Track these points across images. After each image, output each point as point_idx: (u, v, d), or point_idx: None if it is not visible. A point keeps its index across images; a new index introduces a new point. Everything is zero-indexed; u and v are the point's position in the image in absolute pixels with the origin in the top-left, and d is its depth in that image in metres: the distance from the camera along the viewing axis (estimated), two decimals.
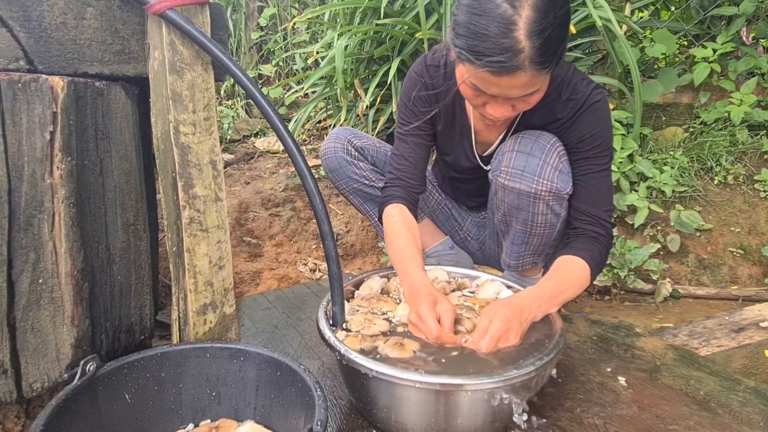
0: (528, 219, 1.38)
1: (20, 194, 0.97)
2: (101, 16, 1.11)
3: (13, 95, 0.95)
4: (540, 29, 1.00)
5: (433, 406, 0.98)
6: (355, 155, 1.64)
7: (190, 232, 1.22)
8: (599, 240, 1.29)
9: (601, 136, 1.29)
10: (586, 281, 1.25)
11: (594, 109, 1.28)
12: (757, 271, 2.19)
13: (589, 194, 1.32)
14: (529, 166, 1.29)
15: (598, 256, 1.27)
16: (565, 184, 1.31)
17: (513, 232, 1.46)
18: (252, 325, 1.58)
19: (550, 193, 1.30)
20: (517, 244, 1.47)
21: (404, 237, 1.32)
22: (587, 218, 1.32)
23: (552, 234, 1.41)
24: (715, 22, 2.78)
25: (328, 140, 1.65)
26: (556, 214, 1.36)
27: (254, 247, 2.39)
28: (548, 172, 1.29)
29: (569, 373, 1.30)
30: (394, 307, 1.23)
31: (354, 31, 2.54)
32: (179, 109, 1.19)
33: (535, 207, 1.34)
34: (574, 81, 1.29)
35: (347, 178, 1.65)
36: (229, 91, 4.11)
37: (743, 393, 1.23)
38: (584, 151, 1.30)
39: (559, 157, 1.30)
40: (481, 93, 1.14)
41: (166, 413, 1.08)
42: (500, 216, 1.46)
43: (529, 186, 1.31)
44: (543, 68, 1.05)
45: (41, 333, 1.02)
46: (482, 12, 1.02)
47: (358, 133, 1.67)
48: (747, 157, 2.46)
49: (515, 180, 1.32)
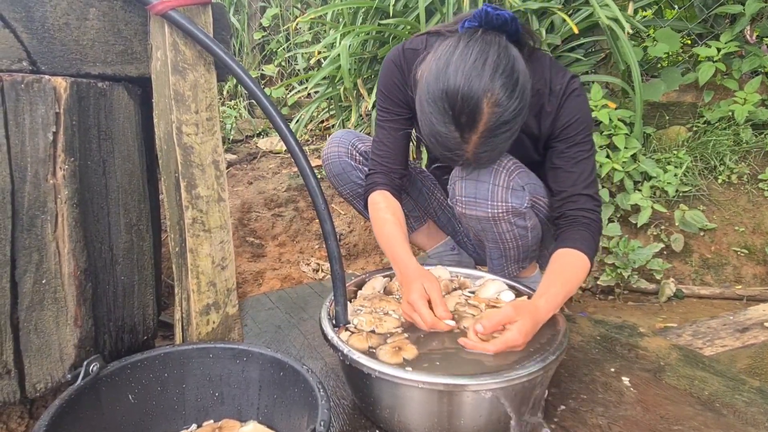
0: (496, 238, 1.41)
1: (23, 195, 0.97)
2: (104, 16, 1.11)
3: (16, 96, 0.95)
4: (484, 151, 1.16)
5: (436, 406, 0.98)
6: (360, 160, 1.60)
7: (192, 233, 1.22)
8: (591, 225, 1.30)
9: (583, 121, 1.32)
10: (587, 272, 1.26)
11: (574, 96, 1.31)
12: (761, 271, 2.18)
13: (579, 179, 1.32)
14: (479, 192, 1.32)
15: (593, 244, 1.28)
16: (521, 200, 1.33)
17: (489, 250, 1.49)
18: (255, 325, 1.58)
19: (507, 212, 1.33)
20: (495, 258, 1.50)
21: (390, 222, 1.35)
22: (579, 203, 1.32)
23: (527, 243, 1.43)
24: (719, 20, 2.77)
25: (331, 144, 1.61)
26: (522, 227, 1.38)
27: (257, 248, 2.39)
28: (500, 194, 1.31)
29: (573, 373, 1.30)
30: (397, 307, 1.22)
31: (357, 31, 2.54)
32: (182, 110, 1.19)
33: (498, 227, 1.37)
34: (552, 74, 1.32)
35: (351, 183, 1.61)
36: (231, 91, 4.11)
37: (748, 393, 1.22)
38: (571, 137, 1.32)
39: (509, 175, 1.32)
40: None
41: (169, 413, 1.08)
42: (472, 235, 1.50)
43: (485, 211, 1.34)
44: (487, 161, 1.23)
45: (44, 333, 1.02)
46: (435, 134, 1.15)
47: (362, 137, 1.64)
48: (751, 156, 2.44)
49: (471, 208, 1.35)
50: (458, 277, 1.41)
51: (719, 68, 2.54)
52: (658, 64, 2.87)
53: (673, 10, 2.91)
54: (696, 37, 2.83)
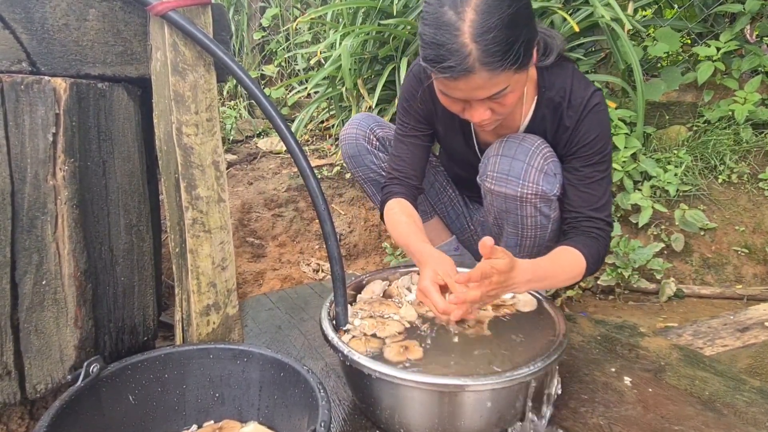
0: (518, 222, 1.38)
1: (23, 196, 0.97)
2: (103, 17, 1.11)
3: (16, 97, 0.95)
4: (484, 31, 1.01)
5: (436, 406, 0.98)
6: (376, 145, 1.62)
7: (193, 233, 1.22)
8: (599, 240, 1.29)
9: (602, 139, 1.29)
10: (580, 274, 1.25)
11: (594, 113, 1.28)
12: (761, 270, 2.18)
13: (592, 199, 1.31)
14: (513, 170, 1.30)
15: (596, 254, 1.27)
16: (552, 186, 1.31)
17: (506, 235, 1.47)
18: (255, 325, 1.58)
19: (536, 195, 1.31)
20: (511, 246, 1.48)
21: (404, 222, 1.35)
22: (589, 221, 1.31)
23: (544, 235, 1.41)
24: (719, 20, 2.77)
25: (350, 125, 1.63)
26: (546, 216, 1.36)
27: (257, 248, 2.39)
28: (533, 175, 1.29)
29: (573, 373, 1.30)
30: (397, 311, 1.22)
31: (357, 31, 2.54)
32: (182, 110, 1.19)
33: (523, 210, 1.35)
34: (574, 86, 1.29)
35: (365, 167, 1.64)
36: (231, 91, 4.11)
37: (749, 393, 1.22)
38: (587, 156, 1.30)
39: (544, 159, 1.30)
40: (453, 99, 1.15)
41: (170, 414, 1.08)
42: (492, 219, 1.47)
43: (515, 190, 1.31)
44: (497, 68, 1.04)
45: (45, 334, 1.02)
46: (432, 22, 1.06)
47: (382, 122, 1.65)
48: (751, 156, 2.44)
49: (501, 184, 1.33)
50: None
51: (719, 67, 2.54)
52: (658, 63, 2.87)
53: (673, 10, 2.91)
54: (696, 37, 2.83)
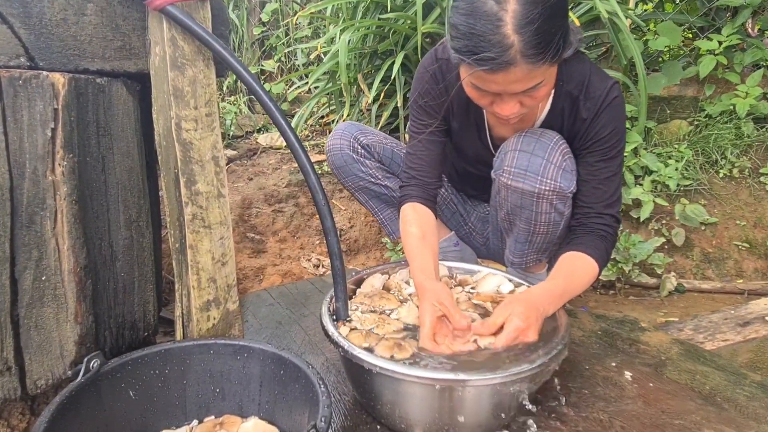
0: (531, 218, 1.36)
1: (22, 191, 0.97)
2: (102, 12, 1.10)
3: (14, 92, 0.95)
4: (527, 22, 0.99)
5: (437, 401, 0.98)
6: (362, 153, 1.61)
7: (192, 229, 1.22)
8: (607, 238, 1.28)
9: (618, 133, 1.27)
10: (593, 278, 1.24)
11: (613, 106, 1.25)
12: (762, 265, 2.18)
13: (605, 196, 1.30)
14: (532, 166, 1.28)
15: (605, 254, 1.26)
16: (569, 183, 1.29)
17: (516, 231, 1.45)
18: (256, 321, 1.58)
19: (554, 192, 1.29)
20: (520, 242, 1.46)
21: (412, 234, 1.32)
22: (599, 218, 1.30)
23: (556, 232, 1.40)
24: (720, 13, 2.76)
25: (334, 136, 1.62)
26: (560, 213, 1.34)
27: (257, 243, 2.39)
28: (552, 172, 1.27)
29: (574, 367, 1.30)
30: (397, 305, 1.22)
31: (356, 26, 2.53)
32: (181, 105, 1.19)
33: (539, 206, 1.33)
34: (592, 78, 1.26)
35: (353, 176, 1.63)
36: (231, 87, 4.10)
37: (749, 387, 1.22)
38: (602, 150, 1.28)
39: (563, 156, 1.28)
40: (484, 93, 1.13)
41: (170, 410, 1.08)
42: (503, 214, 1.45)
43: (533, 186, 1.29)
44: (538, 61, 1.03)
45: (45, 330, 1.02)
46: (470, 11, 1.03)
47: (365, 129, 1.64)
48: (752, 150, 2.44)
49: (518, 180, 1.31)
50: (455, 276, 1.40)
51: (720, 61, 2.53)
52: (659, 57, 2.86)
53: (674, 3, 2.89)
54: (697, 31, 2.82)
